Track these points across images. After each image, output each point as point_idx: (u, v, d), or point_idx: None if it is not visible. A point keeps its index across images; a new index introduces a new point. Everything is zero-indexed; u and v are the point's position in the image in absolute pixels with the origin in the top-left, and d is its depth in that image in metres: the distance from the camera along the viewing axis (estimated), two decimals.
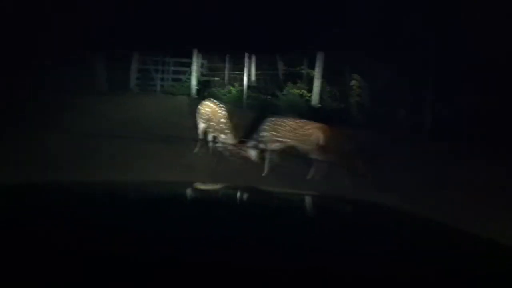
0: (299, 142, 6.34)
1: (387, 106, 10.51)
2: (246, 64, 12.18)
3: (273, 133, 6.48)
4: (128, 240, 1.05)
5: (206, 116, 7.22)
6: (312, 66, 11.99)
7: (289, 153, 6.54)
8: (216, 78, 13.06)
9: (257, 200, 1.84)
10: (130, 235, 1.08)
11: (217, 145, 7.01)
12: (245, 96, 11.66)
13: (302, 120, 6.58)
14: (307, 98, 11.18)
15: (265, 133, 6.57)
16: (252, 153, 6.67)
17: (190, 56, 12.55)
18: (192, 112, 8.95)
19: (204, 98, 11.29)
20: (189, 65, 12.69)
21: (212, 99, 7.77)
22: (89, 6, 13.07)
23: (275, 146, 6.57)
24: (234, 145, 6.86)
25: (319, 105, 10.60)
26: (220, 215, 1.40)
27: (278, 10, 13.73)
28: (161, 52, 13.40)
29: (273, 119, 6.67)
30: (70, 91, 10.65)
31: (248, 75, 12.24)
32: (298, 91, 11.58)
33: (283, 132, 6.41)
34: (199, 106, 7.56)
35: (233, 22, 13.51)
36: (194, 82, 12.19)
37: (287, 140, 6.42)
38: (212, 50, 13.47)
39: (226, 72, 13.35)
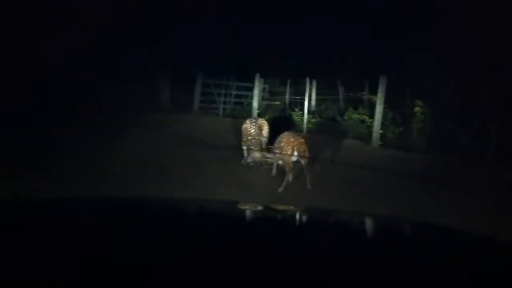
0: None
1: (450, 131, 10.30)
2: (307, 89, 12.28)
3: (283, 145, 6.85)
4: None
5: (243, 132, 7.88)
6: (372, 91, 11.95)
7: None
8: (277, 102, 13.22)
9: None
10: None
11: (248, 156, 7.54)
12: (305, 120, 11.72)
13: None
14: (368, 123, 11.10)
15: (277, 146, 7.00)
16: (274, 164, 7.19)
17: (252, 81, 12.81)
18: None
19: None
20: (251, 89, 12.94)
21: (251, 118, 8.51)
22: (157, 29, 13.74)
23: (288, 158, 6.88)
24: (260, 157, 7.35)
25: (381, 131, 10.48)
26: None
27: (339, 36, 13.82)
28: (225, 76, 13.80)
29: (283, 134, 7.10)
30: (137, 109, 11.37)
31: (309, 99, 12.32)
32: (359, 116, 11.53)
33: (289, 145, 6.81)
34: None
35: (294, 47, 13.73)
36: (255, 106, 12.39)
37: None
38: (274, 74, 13.74)
39: (287, 96, 13.52)
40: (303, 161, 6.77)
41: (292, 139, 6.86)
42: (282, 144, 6.84)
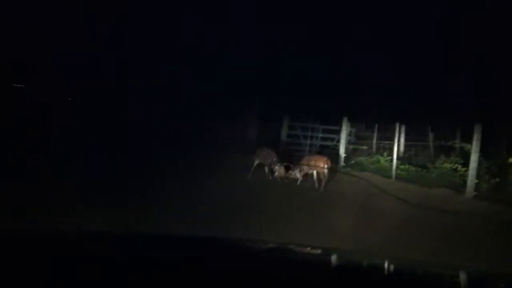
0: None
1: None
2: (396, 134, 12.08)
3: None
4: None
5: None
6: (464, 139, 11.53)
7: None
8: (364, 147, 13.11)
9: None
10: None
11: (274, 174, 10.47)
12: (394, 166, 11.48)
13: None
14: (461, 172, 10.67)
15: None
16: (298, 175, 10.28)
17: (339, 124, 12.83)
18: (340, 178, 9.68)
19: (351, 166, 11.55)
20: (337, 132, 12.96)
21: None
22: (244, 73, 14.40)
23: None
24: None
25: (476, 181, 10.02)
26: None
27: (431, 83, 13.62)
28: (311, 119, 13.93)
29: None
30: (223, 146, 11.82)
31: (397, 145, 12.10)
32: (451, 164, 11.12)
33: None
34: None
35: (383, 92, 13.69)
36: (342, 150, 12.38)
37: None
38: (361, 118, 13.72)
39: (374, 141, 13.38)
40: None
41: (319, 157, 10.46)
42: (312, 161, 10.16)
